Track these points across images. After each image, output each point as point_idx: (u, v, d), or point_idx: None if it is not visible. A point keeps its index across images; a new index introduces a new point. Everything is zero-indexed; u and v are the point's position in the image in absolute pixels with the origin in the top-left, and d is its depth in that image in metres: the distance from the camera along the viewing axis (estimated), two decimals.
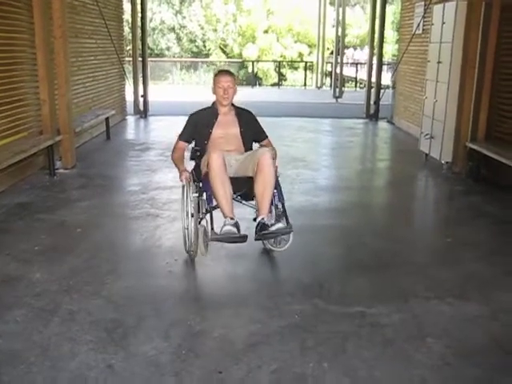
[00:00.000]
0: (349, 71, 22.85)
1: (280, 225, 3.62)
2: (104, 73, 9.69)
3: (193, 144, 4.15)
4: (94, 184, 6.10)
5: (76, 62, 7.84)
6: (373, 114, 11.90)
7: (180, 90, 20.05)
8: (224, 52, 29.75)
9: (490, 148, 6.09)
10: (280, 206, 3.82)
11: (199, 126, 4.05)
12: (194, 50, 30.15)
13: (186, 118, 4.16)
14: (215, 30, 28.99)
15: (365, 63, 17.19)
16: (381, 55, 12.11)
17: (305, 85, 23.30)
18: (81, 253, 4.05)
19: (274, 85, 24.68)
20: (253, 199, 3.86)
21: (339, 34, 17.38)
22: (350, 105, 14.80)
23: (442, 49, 6.89)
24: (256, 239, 3.66)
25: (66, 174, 6.48)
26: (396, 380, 2.54)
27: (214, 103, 4.13)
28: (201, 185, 3.87)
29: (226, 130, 4.02)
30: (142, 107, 11.78)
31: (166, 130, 10.21)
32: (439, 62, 6.94)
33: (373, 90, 12.08)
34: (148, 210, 5.14)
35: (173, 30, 29.15)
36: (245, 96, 16.42)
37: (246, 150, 4.06)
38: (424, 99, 7.62)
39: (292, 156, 7.69)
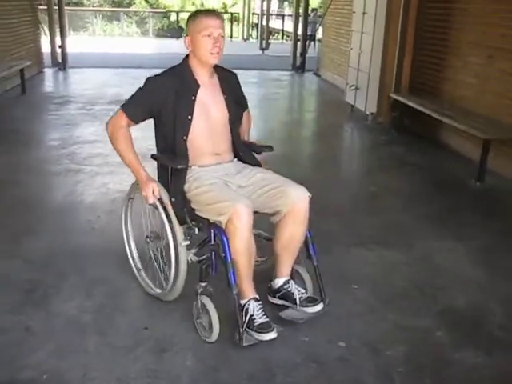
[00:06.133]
0: (275, 23, 22.64)
1: (319, 307, 2.54)
2: (15, 20, 9.05)
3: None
4: (9, 139, 5.75)
5: None
6: (299, 66, 11.87)
7: (101, 42, 19.19)
8: (147, 1, 28.62)
9: (413, 99, 6.20)
10: (314, 262, 2.65)
11: (167, 108, 2.55)
12: None
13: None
14: None
15: (291, 15, 17.02)
16: (307, 7, 12.01)
17: (231, 36, 22.87)
18: None
19: None
20: None
21: None
22: (276, 57, 14.69)
23: None
24: (280, 312, 2.58)
25: None
26: (322, 327, 2.57)
27: (184, 62, 2.66)
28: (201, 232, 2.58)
29: (208, 115, 2.62)
30: (60, 59, 11.15)
31: (87, 82, 9.78)
32: (364, 13, 6.94)
33: (299, 42, 12.01)
34: (68, 166, 4.91)
35: None
36: (167, 48, 15.99)
37: (237, 150, 2.77)
38: (349, 50, 7.63)
39: None
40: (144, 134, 3.09)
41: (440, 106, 5.71)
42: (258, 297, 2.45)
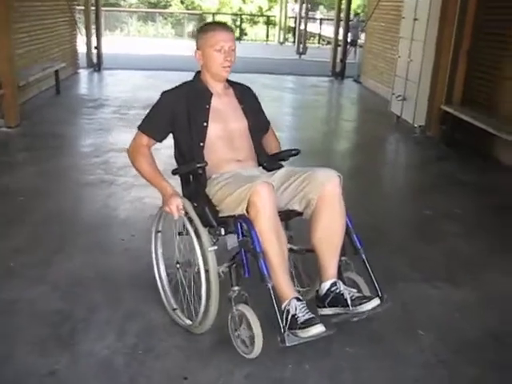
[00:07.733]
0: (311, 27, 22.29)
1: (375, 302, 2.28)
2: (52, 21, 8.92)
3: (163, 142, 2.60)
4: (41, 145, 5.54)
5: (20, 7, 7.08)
6: (339, 73, 11.50)
7: (136, 42, 19.14)
8: (182, 3, 28.60)
9: (466, 112, 5.81)
10: (362, 254, 2.47)
11: (181, 116, 2.51)
12: (152, 0, 28.90)
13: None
14: None
15: (329, 19, 16.67)
16: (348, 11, 11.64)
17: (267, 40, 22.62)
18: (23, 227, 3.57)
19: None
20: None
21: None
22: (314, 62, 14.36)
23: (418, 5, 6.49)
24: (332, 318, 2.32)
25: (9, 133, 5.89)
26: (386, 382, 2.23)
27: (196, 77, 2.65)
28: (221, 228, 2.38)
29: (226, 124, 2.55)
30: (95, 60, 11.02)
31: (122, 84, 9.61)
32: (415, 19, 6.55)
33: (339, 48, 11.65)
34: (102, 176, 4.66)
35: None
36: None
37: (260, 158, 2.65)
38: (397, 58, 7.25)
39: None
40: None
41: (497, 120, 5.31)
42: (299, 296, 2.24)
